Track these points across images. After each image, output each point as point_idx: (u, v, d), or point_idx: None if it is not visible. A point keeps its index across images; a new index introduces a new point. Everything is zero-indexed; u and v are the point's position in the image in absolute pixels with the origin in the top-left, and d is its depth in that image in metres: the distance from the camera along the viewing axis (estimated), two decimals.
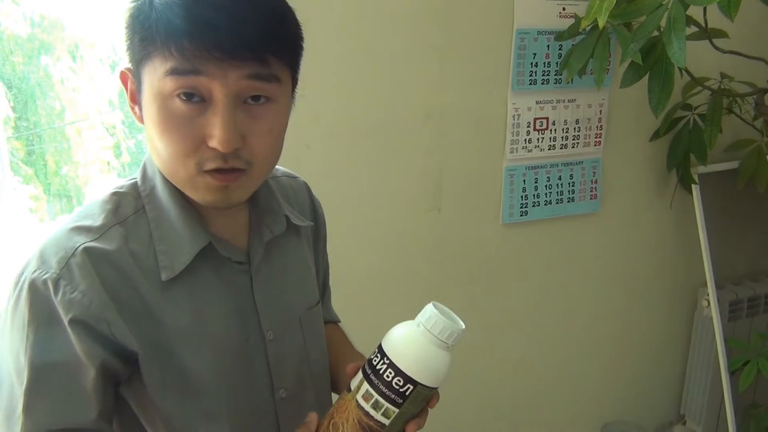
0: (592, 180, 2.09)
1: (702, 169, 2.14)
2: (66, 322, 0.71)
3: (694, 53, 1.66)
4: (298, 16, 0.77)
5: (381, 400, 0.74)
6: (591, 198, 2.11)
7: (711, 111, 1.91)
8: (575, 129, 2.01)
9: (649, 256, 2.31)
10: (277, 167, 0.97)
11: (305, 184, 1.03)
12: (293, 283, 0.92)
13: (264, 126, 0.74)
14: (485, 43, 1.83)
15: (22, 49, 1.64)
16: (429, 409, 0.81)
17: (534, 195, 2.00)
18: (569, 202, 2.07)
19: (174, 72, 0.68)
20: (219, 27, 0.67)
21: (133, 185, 0.81)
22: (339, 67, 1.66)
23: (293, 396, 0.88)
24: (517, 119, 1.91)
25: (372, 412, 0.74)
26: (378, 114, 1.74)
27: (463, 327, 0.76)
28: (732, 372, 2.18)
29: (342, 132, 1.71)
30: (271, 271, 0.87)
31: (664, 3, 1.48)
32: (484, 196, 1.95)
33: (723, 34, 1.77)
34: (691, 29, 1.70)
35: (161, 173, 0.79)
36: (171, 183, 0.79)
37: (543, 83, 1.92)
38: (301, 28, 0.77)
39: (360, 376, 0.77)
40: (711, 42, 1.75)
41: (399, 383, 0.73)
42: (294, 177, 1.02)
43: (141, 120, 0.76)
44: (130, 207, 0.79)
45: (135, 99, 0.77)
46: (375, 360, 0.76)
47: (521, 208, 1.99)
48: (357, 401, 0.75)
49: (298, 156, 1.63)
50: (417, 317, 0.77)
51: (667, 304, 2.39)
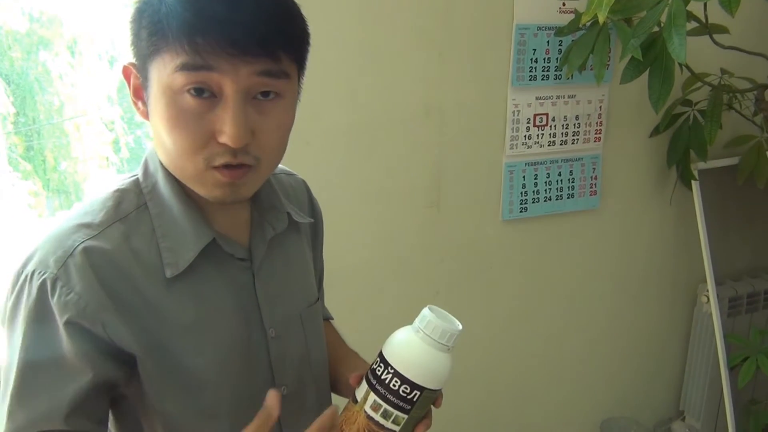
0: (591, 176, 2.09)
1: (702, 165, 2.14)
2: (61, 324, 0.70)
3: (694, 49, 1.66)
4: None
5: (390, 408, 0.75)
6: (591, 194, 2.11)
7: (711, 107, 1.90)
8: (575, 125, 2.00)
9: (649, 252, 2.31)
10: None
11: (303, 181, 1.03)
12: (294, 281, 0.92)
13: (273, 122, 0.73)
14: (485, 39, 1.82)
15: (20, 45, 1.64)
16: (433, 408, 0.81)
17: (534, 191, 2.00)
18: (569, 198, 2.07)
19: (185, 67, 0.67)
20: (232, 22, 0.66)
21: (135, 182, 0.81)
22: (338, 63, 1.66)
23: (294, 393, 0.88)
24: (517, 115, 1.91)
25: (382, 421, 0.75)
26: (377, 110, 1.74)
27: (461, 327, 0.77)
28: (731, 368, 2.18)
29: (341, 128, 1.71)
30: (273, 269, 0.87)
31: None
32: (483, 192, 1.95)
33: (723, 29, 1.77)
34: (692, 25, 1.70)
35: (163, 169, 0.78)
36: (173, 179, 0.78)
37: (543, 79, 1.91)
38: (307, 23, 0.76)
39: (365, 386, 0.78)
40: (711, 37, 1.75)
41: (406, 391, 0.74)
42: (292, 174, 1.02)
43: (145, 115, 0.76)
44: (131, 203, 0.79)
45: (139, 94, 0.76)
46: (379, 370, 0.76)
47: (521, 204, 1.99)
48: (366, 412, 0.76)
49: (297, 153, 1.62)
50: (415, 322, 0.78)
51: (667, 300, 2.40)
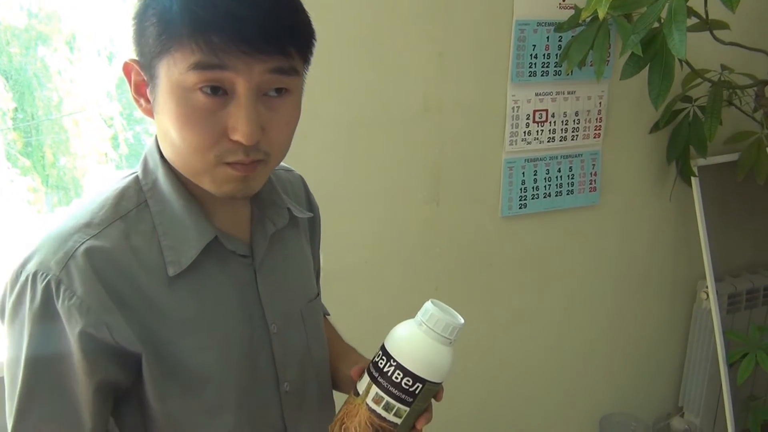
0: (591, 172, 2.09)
1: (701, 162, 2.14)
2: (71, 332, 0.70)
3: (694, 45, 1.66)
4: None
5: (391, 401, 0.75)
6: (590, 190, 2.11)
7: (711, 103, 1.90)
8: (575, 121, 2.00)
9: (648, 248, 2.31)
10: None
11: (301, 177, 1.03)
12: (294, 276, 0.92)
13: (283, 117, 0.74)
14: (484, 35, 1.82)
15: (19, 40, 1.63)
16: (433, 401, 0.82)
17: (533, 187, 2.00)
18: (568, 194, 2.07)
19: (198, 66, 0.67)
20: (245, 19, 0.66)
21: (135, 179, 0.80)
22: (337, 59, 1.65)
23: (297, 389, 0.88)
24: (517, 111, 1.90)
25: (384, 413, 0.76)
26: (376, 106, 1.73)
27: (463, 321, 0.78)
28: (730, 364, 2.18)
29: (340, 124, 1.70)
30: (274, 265, 0.87)
31: None
32: (483, 188, 1.94)
33: (724, 25, 1.77)
34: (692, 21, 1.70)
35: (164, 166, 0.78)
36: (174, 176, 0.78)
37: (542, 75, 1.91)
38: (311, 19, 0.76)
39: (367, 379, 0.78)
40: (712, 33, 1.75)
41: (408, 383, 0.75)
42: (290, 170, 1.02)
43: (148, 113, 0.75)
44: (131, 201, 0.78)
45: (140, 91, 0.75)
46: (381, 362, 0.77)
47: (520, 200, 1.99)
48: (367, 404, 0.76)
49: (296, 149, 1.61)
50: (417, 316, 0.78)
51: (666, 296, 2.40)
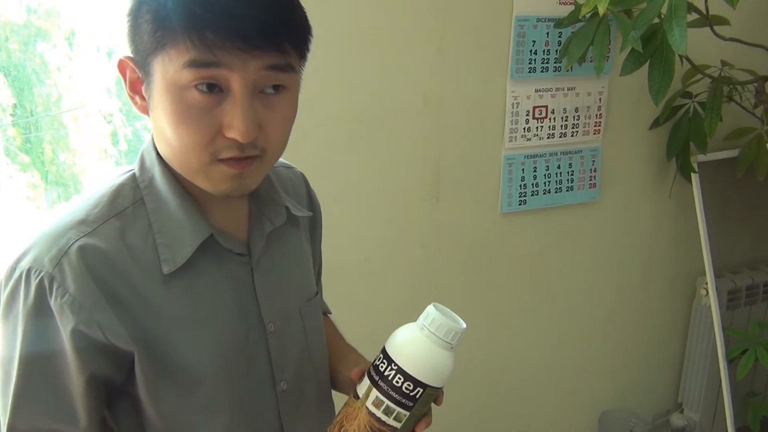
0: (591, 169, 2.09)
1: (701, 158, 2.14)
2: (63, 330, 0.70)
3: (694, 40, 1.65)
4: None
5: (392, 405, 0.75)
6: (590, 187, 2.10)
7: (711, 99, 1.90)
8: (575, 117, 2.00)
9: (648, 244, 2.31)
10: None
11: (302, 175, 1.03)
12: (293, 275, 0.91)
13: (279, 114, 0.73)
14: (484, 30, 1.81)
15: (18, 36, 1.63)
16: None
17: (533, 184, 2.00)
18: (568, 191, 2.06)
19: (193, 64, 0.66)
20: (240, 16, 0.65)
21: (131, 176, 0.80)
22: (335, 54, 1.65)
23: (294, 388, 0.88)
24: (516, 107, 1.90)
25: (384, 417, 0.75)
26: (375, 102, 1.73)
27: (465, 326, 0.77)
28: (730, 360, 2.18)
29: (339, 120, 1.70)
30: (272, 263, 0.87)
31: None
32: (482, 185, 1.94)
33: (724, 21, 1.76)
34: (692, 16, 1.69)
35: (160, 164, 0.78)
36: (170, 174, 0.77)
37: (542, 71, 1.90)
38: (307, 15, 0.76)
39: (367, 382, 0.77)
40: (712, 29, 1.74)
41: (409, 387, 0.74)
42: (291, 168, 1.02)
43: (144, 110, 0.75)
44: (127, 198, 0.78)
45: (136, 89, 0.75)
46: (382, 366, 0.76)
47: (520, 197, 1.99)
48: (367, 408, 0.76)
49: (295, 145, 1.61)
50: (419, 320, 0.77)
51: (666, 292, 2.40)
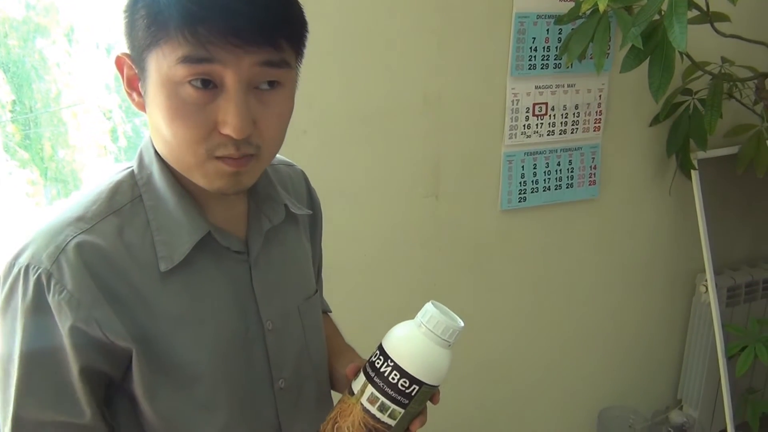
0: (591, 166, 2.09)
1: (701, 155, 2.13)
2: (62, 328, 0.70)
3: (694, 37, 1.65)
4: None
5: (387, 402, 0.74)
6: (590, 184, 2.10)
7: (711, 96, 1.89)
8: (574, 114, 2.00)
9: (648, 241, 2.31)
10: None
11: (302, 172, 1.03)
12: (292, 273, 0.91)
13: (274, 111, 0.73)
14: (484, 27, 1.81)
15: (17, 32, 1.62)
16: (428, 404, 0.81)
17: (533, 181, 1.99)
18: (568, 188, 2.06)
19: (187, 60, 0.66)
20: (234, 11, 0.65)
21: (130, 173, 0.80)
22: (335, 51, 1.65)
23: (292, 386, 0.88)
24: (516, 104, 1.90)
25: (378, 414, 0.74)
26: (375, 99, 1.73)
27: (463, 324, 0.77)
28: (729, 357, 2.19)
29: (338, 117, 1.70)
30: (270, 261, 0.86)
31: None
32: (482, 182, 1.94)
33: (725, 17, 1.76)
34: (693, 13, 1.69)
35: (158, 161, 0.78)
36: (168, 171, 0.77)
37: (542, 68, 1.90)
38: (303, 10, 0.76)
39: (363, 378, 0.77)
40: (712, 26, 1.74)
41: (405, 385, 0.74)
42: (291, 165, 1.02)
43: (141, 107, 0.75)
44: (126, 195, 0.78)
45: (133, 85, 0.75)
46: (378, 362, 0.75)
47: (520, 194, 1.98)
48: (362, 404, 0.75)
49: (294, 142, 1.61)
50: (417, 317, 0.77)
51: (666, 289, 2.40)
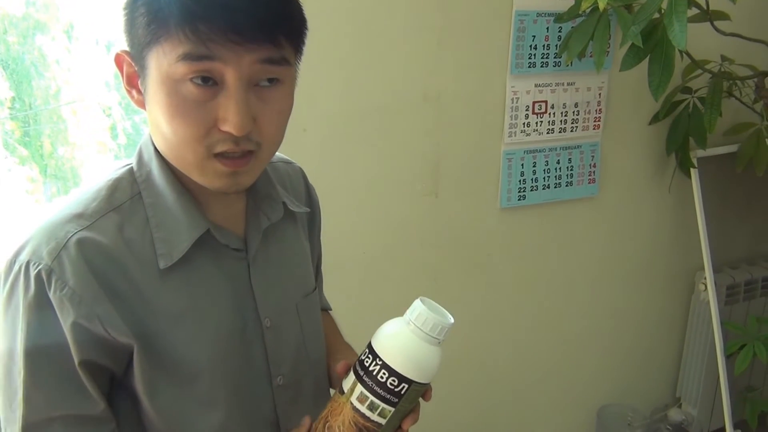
0: (590, 164, 2.09)
1: (701, 153, 2.14)
2: (64, 324, 0.70)
3: (694, 36, 1.65)
4: None
5: (376, 401, 0.74)
6: (589, 182, 2.10)
7: (711, 94, 1.89)
8: (574, 112, 2.00)
9: (647, 239, 2.31)
10: None
11: (301, 170, 1.03)
12: (290, 270, 0.91)
13: (274, 108, 0.73)
14: (484, 25, 1.81)
15: (16, 29, 1.62)
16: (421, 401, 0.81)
17: (532, 179, 2.00)
18: (567, 186, 2.06)
19: (187, 57, 0.66)
20: (234, 8, 0.65)
21: (129, 170, 0.80)
22: (335, 49, 1.64)
23: (291, 383, 0.88)
24: (516, 102, 1.90)
25: (368, 413, 0.74)
26: (375, 97, 1.73)
27: (452, 321, 0.76)
28: (728, 355, 2.19)
29: (338, 115, 1.70)
30: (269, 259, 0.87)
31: None
32: (482, 180, 1.94)
33: (724, 16, 1.76)
34: (692, 11, 1.69)
35: (158, 158, 0.78)
36: (168, 168, 0.78)
37: (542, 66, 1.90)
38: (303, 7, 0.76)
39: (352, 377, 0.76)
40: (712, 24, 1.74)
41: (394, 383, 0.73)
42: (290, 163, 1.02)
43: (140, 104, 0.75)
44: (125, 192, 0.78)
45: (132, 83, 0.75)
46: (367, 361, 0.75)
47: (519, 192, 1.99)
48: (352, 403, 0.75)
49: (294, 140, 1.61)
50: (405, 314, 0.76)
51: (665, 287, 2.40)
